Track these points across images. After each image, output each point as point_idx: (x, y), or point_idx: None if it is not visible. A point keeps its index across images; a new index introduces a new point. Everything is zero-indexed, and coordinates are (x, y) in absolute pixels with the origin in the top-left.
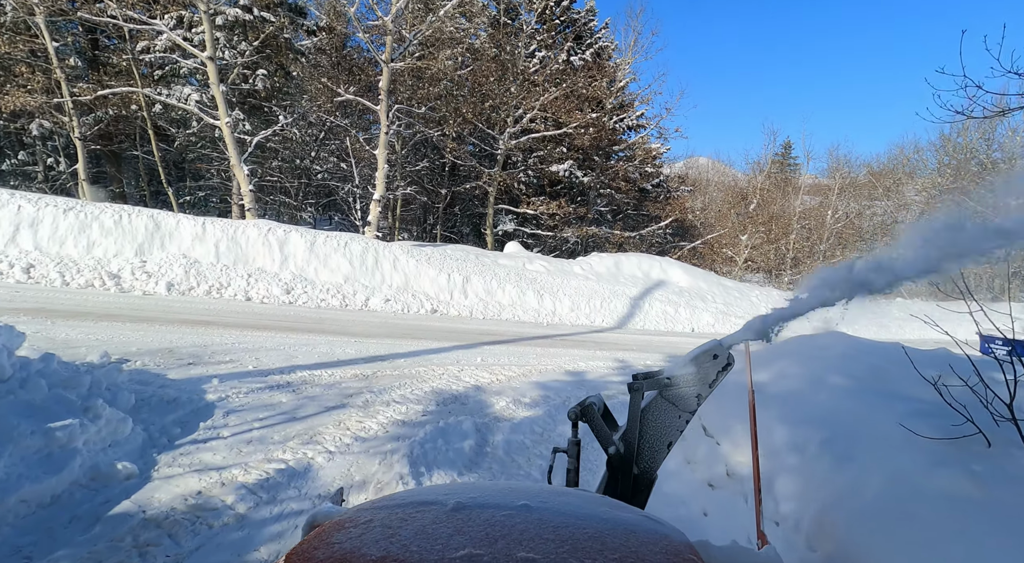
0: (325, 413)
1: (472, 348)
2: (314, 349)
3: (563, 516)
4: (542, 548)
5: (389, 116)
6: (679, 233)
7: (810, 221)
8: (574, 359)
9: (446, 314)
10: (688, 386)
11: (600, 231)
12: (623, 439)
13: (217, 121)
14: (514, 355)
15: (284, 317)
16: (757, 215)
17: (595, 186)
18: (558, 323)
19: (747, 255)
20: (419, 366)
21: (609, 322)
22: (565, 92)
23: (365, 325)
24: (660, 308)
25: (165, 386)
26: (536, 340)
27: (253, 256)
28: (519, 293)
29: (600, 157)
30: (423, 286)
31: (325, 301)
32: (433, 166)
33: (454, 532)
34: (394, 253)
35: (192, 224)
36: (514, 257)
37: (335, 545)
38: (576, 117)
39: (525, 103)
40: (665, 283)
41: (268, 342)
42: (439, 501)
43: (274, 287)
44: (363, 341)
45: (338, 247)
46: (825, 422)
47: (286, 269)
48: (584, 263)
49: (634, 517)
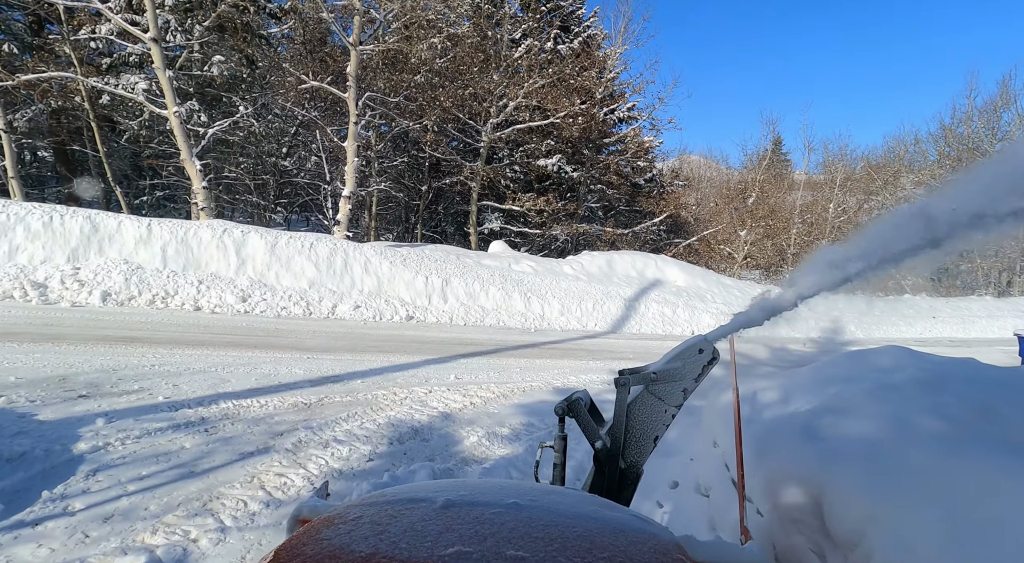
0: (238, 463)
1: (447, 362)
2: (255, 370)
3: (552, 515)
4: (531, 546)
5: (358, 105)
6: (674, 230)
7: (811, 215)
8: (563, 372)
9: (423, 321)
10: (674, 381)
11: (591, 228)
12: (610, 434)
13: (165, 111)
14: (495, 369)
15: (234, 329)
16: (756, 209)
17: (585, 181)
18: (547, 328)
19: (747, 251)
20: (379, 388)
21: (602, 326)
22: (552, 79)
23: (327, 337)
24: (657, 309)
25: (21, 433)
26: (521, 350)
27: (206, 260)
28: (504, 296)
29: (590, 150)
30: (398, 290)
31: (286, 309)
32: (413, 162)
33: (443, 530)
34: (366, 255)
35: (136, 226)
36: (499, 257)
37: (324, 541)
38: (563, 105)
39: (509, 91)
40: (661, 282)
41: (200, 362)
42: (428, 498)
43: (228, 295)
44: (318, 357)
45: (302, 249)
46: (939, 500)
47: (243, 274)
48: (575, 262)
49: (623, 516)
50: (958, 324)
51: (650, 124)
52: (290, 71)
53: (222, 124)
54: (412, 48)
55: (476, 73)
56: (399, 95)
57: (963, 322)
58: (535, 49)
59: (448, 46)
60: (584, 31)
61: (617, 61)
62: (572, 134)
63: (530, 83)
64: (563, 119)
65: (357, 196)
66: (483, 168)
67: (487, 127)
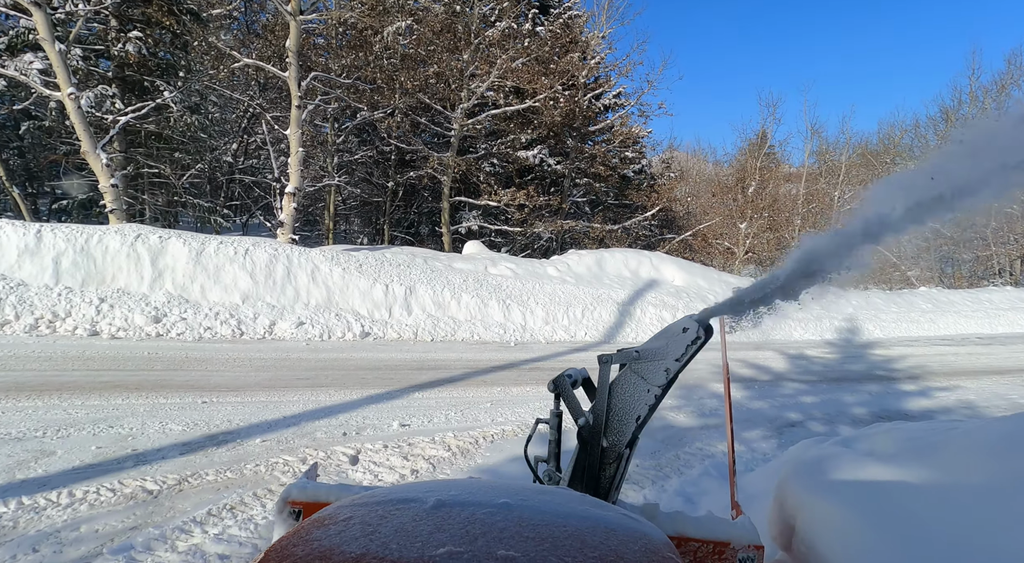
0: None
1: (396, 398)
2: (106, 430)
3: (543, 514)
4: (522, 546)
5: (301, 86)
6: (667, 224)
7: (817, 204)
8: (547, 406)
9: (381, 338)
10: (657, 359)
11: (578, 225)
12: (592, 411)
13: (59, 93)
14: (458, 406)
15: (126, 362)
16: (757, 199)
17: (570, 174)
18: (529, 340)
19: (748, 246)
20: (283, 450)
21: (593, 335)
22: (529, 58)
23: (248, 366)
24: (654, 313)
25: None
26: (496, 373)
27: (112, 273)
28: (479, 305)
29: (574, 140)
30: (352, 302)
31: (211, 330)
32: (380, 156)
33: (434, 530)
34: (313, 261)
35: (20, 233)
36: (474, 259)
37: (314, 542)
38: (542, 85)
39: (480, 71)
40: (658, 282)
41: (29, 419)
42: (419, 499)
43: (137, 315)
44: (218, 400)
45: (235, 256)
46: None
47: (159, 289)
48: (560, 263)
49: (614, 516)
50: (983, 319)
51: (638, 110)
52: (218, 46)
53: (133, 108)
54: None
55: (443, 52)
56: (353, 77)
57: (988, 316)
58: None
59: (412, 25)
60: (565, 12)
61: (601, 43)
62: (554, 119)
63: (503, 59)
64: (543, 102)
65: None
66: (454, 159)
67: (457, 113)
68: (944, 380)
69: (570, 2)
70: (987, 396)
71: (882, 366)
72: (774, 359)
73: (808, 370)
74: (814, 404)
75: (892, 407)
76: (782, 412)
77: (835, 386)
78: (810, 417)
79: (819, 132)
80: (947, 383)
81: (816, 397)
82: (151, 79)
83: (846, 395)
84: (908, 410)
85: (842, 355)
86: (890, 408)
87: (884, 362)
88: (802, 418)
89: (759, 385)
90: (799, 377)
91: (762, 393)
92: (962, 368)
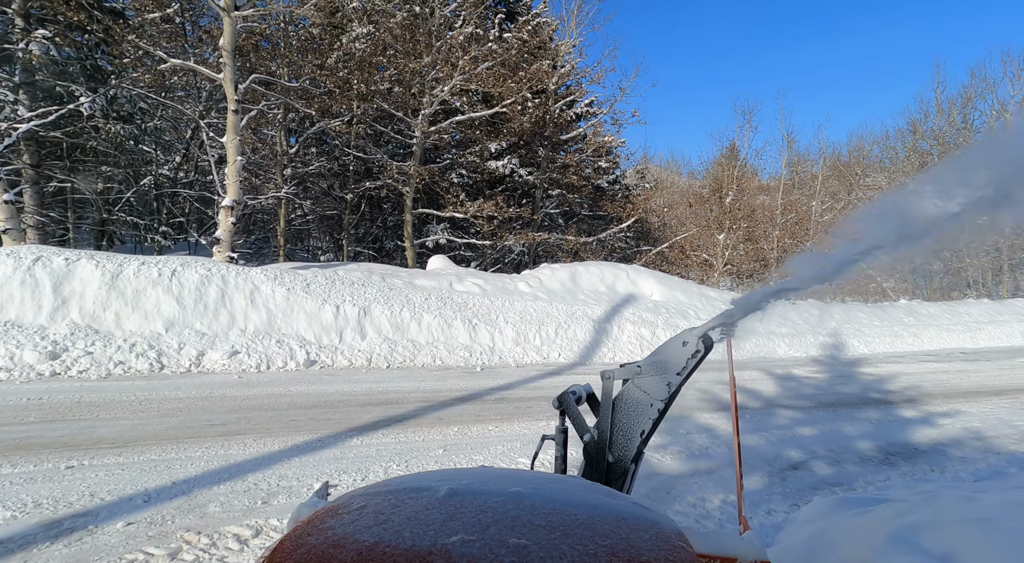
0: None
1: (327, 448)
2: None
3: (554, 503)
4: (533, 534)
5: (239, 89)
6: (643, 236)
7: (795, 214)
8: (511, 450)
9: (329, 366)
10: (658, 374)
11: (551, 237)
12: (597, 427)
13: None
14: (403, 454)
15: None
16: (735, 209)
17: (542, 184)
18: (497, 364)
19: (727, 257)
20: (148, 540)
21: (567, 356)
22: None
23: (150, 412)
24: (632, 331)
25: None
26: (456, 407)
27: (2, 303)
28: (443, 325)
29: (546, 149)
30: (296, 327)
31: (124, 364)
32: (339, 166)
33: (447, 518)
34: (253, 281)
35: None
36: (438, 275)
37: (328, 531)
38: (509, 89)
39: (443, 74)
40: (635, 298)
41: None
42: (431, 487)
43: (27, 351)
44: (87, 465)
45: (160, 278)
46: None
47: (62, 319)
48: (531, 278)
49: (625, 504)
50: (964, 332)
51: (611, 118)
52: (142, 46)
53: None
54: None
55: (401, 56)
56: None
57: (969, 330)
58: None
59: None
60: (533, 20)
61: (571, 51)
62: (523, 126)
63: (466, 62)
64: (510, 107)
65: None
66: (417, 169)
67: (419, 120)
68: (942, 403)
69: (538, 9)
70: (992, 423)
71: (875, 387)
72: (762, 380)
73: (799, 393)
74: (814, 438)
75: (898, 439)
76: (780, 449)
77: (831, 413)
78: (813, 455)
79: (793, 141)
80: (946, 407)
81: (814, 428)
82: (65, 84)
83: (846, 425)
84: (916, 443)
85: (831, 374)
86: (896, 441)
87: (876, 382)
88: (804, 457)
89: (750, 414)
90: (791, 402)
91: (754, 424)
92: (957, 388)
